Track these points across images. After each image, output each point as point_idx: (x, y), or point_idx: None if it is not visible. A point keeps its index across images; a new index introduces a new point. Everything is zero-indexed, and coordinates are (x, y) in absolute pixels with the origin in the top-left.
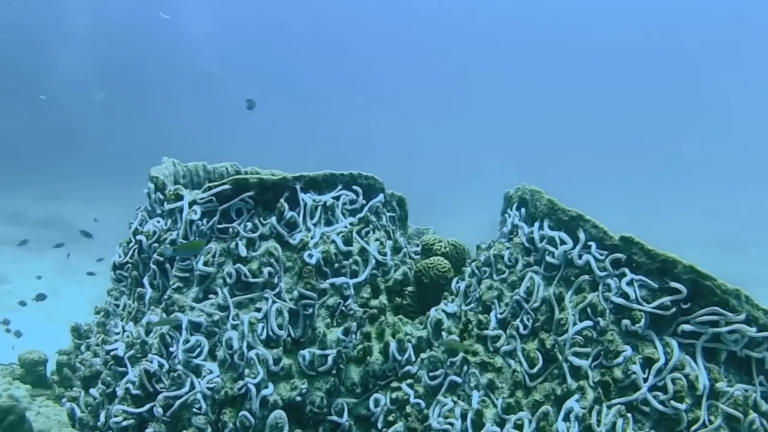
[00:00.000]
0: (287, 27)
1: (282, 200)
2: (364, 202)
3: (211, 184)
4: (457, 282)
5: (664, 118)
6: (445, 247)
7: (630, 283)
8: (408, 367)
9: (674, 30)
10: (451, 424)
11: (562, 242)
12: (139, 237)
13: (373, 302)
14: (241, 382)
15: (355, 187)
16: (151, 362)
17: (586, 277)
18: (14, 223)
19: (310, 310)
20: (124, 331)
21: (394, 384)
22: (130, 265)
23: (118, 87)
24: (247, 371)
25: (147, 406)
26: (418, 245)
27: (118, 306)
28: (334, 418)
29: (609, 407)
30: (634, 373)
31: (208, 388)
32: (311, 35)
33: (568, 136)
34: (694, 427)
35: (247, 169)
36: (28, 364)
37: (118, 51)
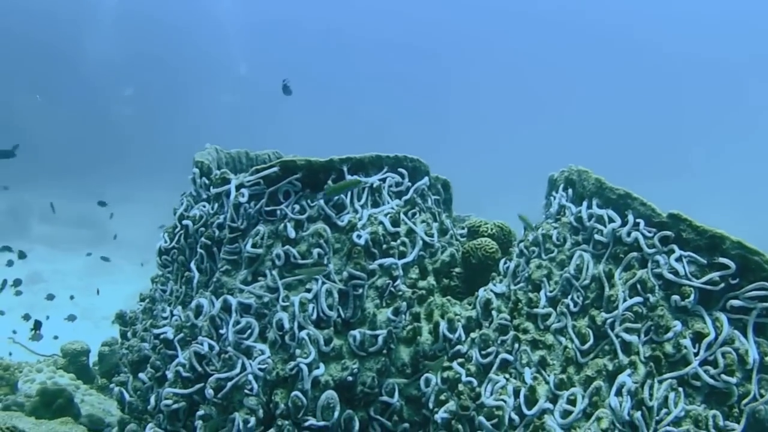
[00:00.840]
0: (317, 26)
1: (330, 182)
2: (409, 184)
3: (258, 167)
4: (505, 263)
5: (692, 124)
6: (492, 229)
7: (679, 260)
8: (458, 347)
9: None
10: (504, 401)
11: (611, 220)
12: (185, 222)
13: (421, 283)
14: (292, 363)
15: (400, 169)
16: (201, 344)
17: (635, 254)
18: (48, 223)
19: (360, 291)
20: (172, 315)
21: (445, 364)
22: (176, 250)
23: (146, 84)
24: (298, 351)
25: (197, 387)
26: (463, 228)
27: (165, 291)
28: (386, 398)
29: (660, 382)
30: (685, 347)
31: (260, 369)
32: (340, 36)
33: (599, 141)
34: (745, 401)
35: (289, 156)
36: (70, 354)
37: (147, 48)
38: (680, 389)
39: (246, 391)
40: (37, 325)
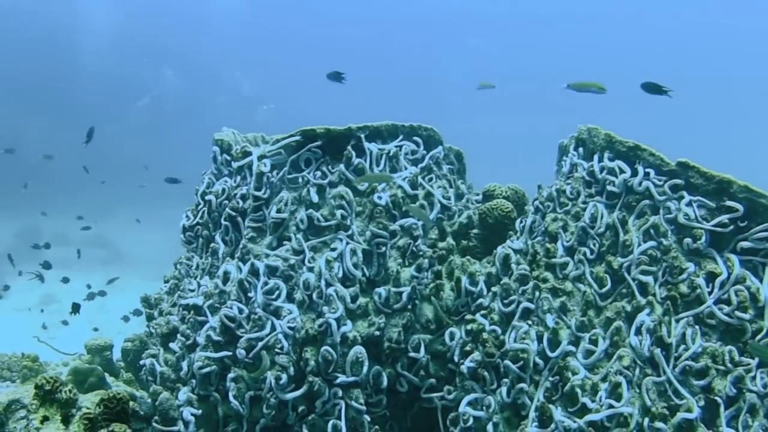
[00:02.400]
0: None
1: (350, 148)
2: (425, 152)
3: (278, 137)
4: (521, 221)
5: None
6: (506, 192)
7: (689, 204)
8: (480, 300)
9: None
10: (528, 345)
11: (622, 171)
12: (208, 197)
13: (441, 244)
14: (321, 320)
15: (415, 138)
16: (231, 308)
17: (647, 201)
18: (60, 244)
19: (383, 249)
20: (199, 286)
21: (468, 317)
22: (199, 226)
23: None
24: (326, 308)
25: (224, 354)
26: (478, 194)
27: (190, 267)
28: (413, 354)
29: (678, 320)
30: (699, 287)
31: (289, 328)
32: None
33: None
34: (759, 336)
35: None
36: (94, 350)
37: (152, 67)
38: (696, 327)
39: (276, 349)
40: (76, 307)
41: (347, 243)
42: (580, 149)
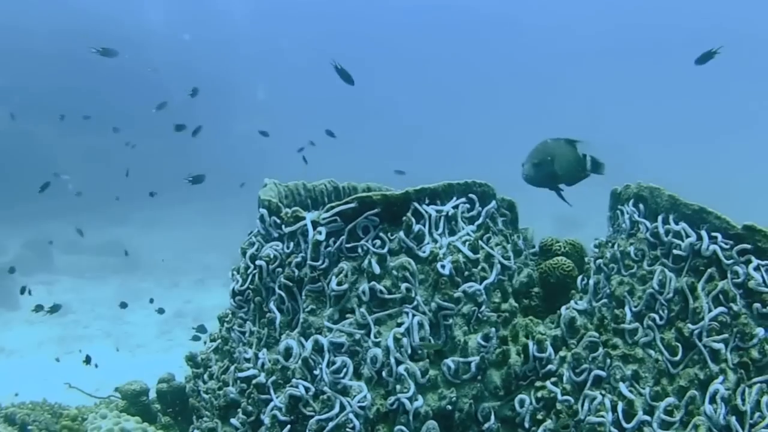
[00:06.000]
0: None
1: (409, 214)
2: (480, 209)
3: (333, 204)
4: (583, 279)
5: None
6: (564, 247)
7: (757, 269)
8: (549, 366)
9: None
10: (603, 416)
11: (687, 235)
12: (258, 263)
13: (504, 306)
14: (392, 398)
15: (471, 195)
16: (297, 387)
17: (715, 267)
18: (72, 252)
19: (450, 320)
20: (257, 358)
21: (538, 383)
22: (250, 291)
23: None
24: (398, 387)
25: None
26: (533, 246)
27: (243, 333)
28: (485, 426)
29: (750, 386)
30: None
31: (360, 407)
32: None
33: None
34: None
35: (344, 184)
36: (130, 396)
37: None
38: None
39: (348, 429)
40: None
41: (413, 316)
42: (641, 206)
